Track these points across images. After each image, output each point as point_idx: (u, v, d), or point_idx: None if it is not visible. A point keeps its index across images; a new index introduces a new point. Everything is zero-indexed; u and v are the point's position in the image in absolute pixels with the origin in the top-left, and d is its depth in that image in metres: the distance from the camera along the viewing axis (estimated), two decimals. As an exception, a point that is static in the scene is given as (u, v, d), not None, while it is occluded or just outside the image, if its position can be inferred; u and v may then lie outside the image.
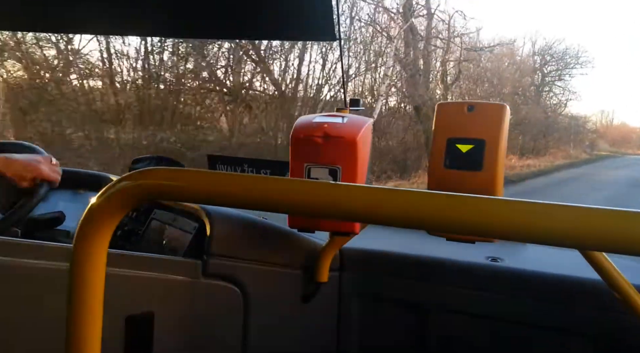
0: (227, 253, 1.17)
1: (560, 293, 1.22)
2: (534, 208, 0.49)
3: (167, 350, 1.08)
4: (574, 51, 20.01)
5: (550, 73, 19.52)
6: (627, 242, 0.45)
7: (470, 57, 15.10)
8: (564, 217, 0.48)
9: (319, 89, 10.80)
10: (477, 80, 15.83)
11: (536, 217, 0.48)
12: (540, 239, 0.49)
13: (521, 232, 0.49)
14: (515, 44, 18.53)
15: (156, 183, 0.61)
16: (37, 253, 0.92)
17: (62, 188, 1.65)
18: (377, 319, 1.41)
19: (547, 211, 0.48)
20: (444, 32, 14.26)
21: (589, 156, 22.35)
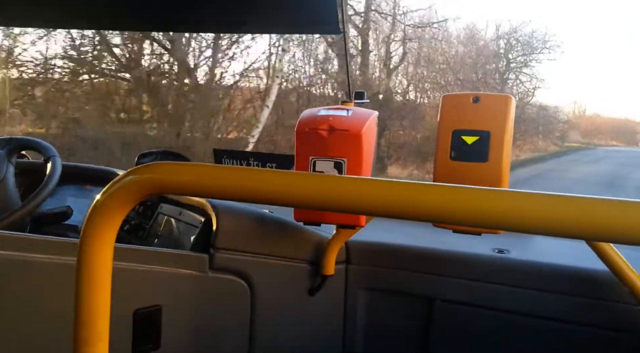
0: (234, 246, 1.18)
1: (567, 284, 1.22)
2: (540, 199, 0.49)
3: (175, 343, 1.09)
4: (541, 34, 18.25)
5: (516, 58, 17.90)
6: (633, 232, 0.45)
7: (423, 40, 13.31)
8: (570, 207, 0.47)
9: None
10: (430, 65, 14.00)
11: (542, 208, 0.48)
12: (546, 230, 0.49)
13: (527, 223, 0.49)
14: (477, 26, 17.11)
15: (162, 177, 0.61)
16: (45, 248, 0.92)
17: (70, 183, 1.66)
18: (383, 311, 1.41)
19: (553, 202, 0.48)
20: (386, 7, 12.62)
21: (559, 148, 20.97)
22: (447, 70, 14.31)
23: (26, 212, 1.20)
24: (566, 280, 1.22)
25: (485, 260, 1.31)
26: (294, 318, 1.32)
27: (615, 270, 1.08)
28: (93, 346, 0.66)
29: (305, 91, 11.13)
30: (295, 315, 1.32)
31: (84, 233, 0.62)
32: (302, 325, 1.34)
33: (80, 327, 0.65)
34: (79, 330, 0.65)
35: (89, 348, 0.66)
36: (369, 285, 1.41)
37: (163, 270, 1.07)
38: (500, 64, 16.99)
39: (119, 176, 0.62)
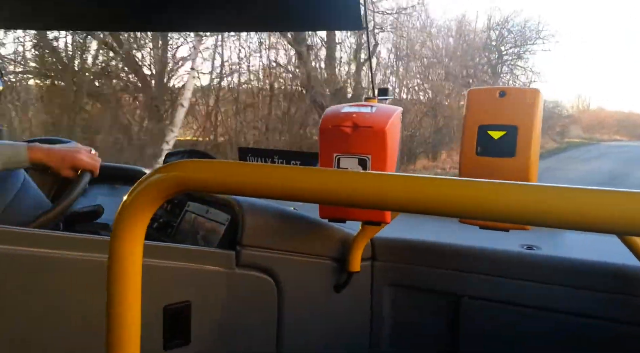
0: (260, 243, 1.19)
1: (599, 280, 1.19)
2: (570, 193, 0.48)
3: (204, 338, 1.11)
4: (535, 24, 16.41)
5: (509, 50, 16.38)
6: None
7: (399, 29, 11.67)
8: (602, 201, 0.47)
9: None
10: (413, 58, 12.75)
11: (573, 202, 0.48)
12: (577, 225, 0.48)
13: (558, 218, 0.48)
14: (467, 17, 15.29)
15: (188, 175, 0.62)
16: (78, 246, 0.95)
17: (100, 182, 1.70)
18: (409, 308, 1.40)
19: (584, 196, 0.47)
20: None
21: (558, 144, 19.78)
22: (434, 64, 13.07)
23: (59, 211, 1.23)
24: (598, 276, 1.20)
25: (513, 256, 1.29)
26: (320, 315, 1.32)
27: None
28: (125, 341, 0.67)
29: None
30: (322, 311, 1.32)
31: (114, 230, 0.64)
32: (329, 321, 1.34)
33: (113, 322, 0.67)
34: (111, 325, 0.67)
35: (121, 342, 0.67)
36: (395, 282, 1.40)
37: (191, 266, 1.08)
38: (493, 56, 15.58)
39: (147, 174, 0.63)
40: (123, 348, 0.67)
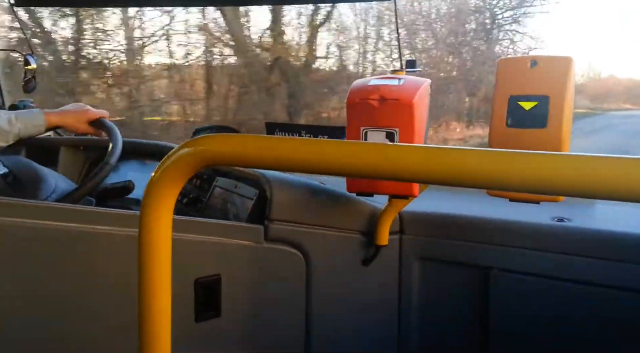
0: (288, 218, 1.19)
1: (632, 252, 1.16)
2: (602, 162, 0.46)
3: (234, 310, 1.13)
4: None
5: (504, 12, 15.03)
6: None
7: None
8: (634, 169, 0.45)
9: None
10: (391, 23, 10.60)
11: (604, 171, 0.46)
12: (611, 195, 0.47)
13: (590, 188, 0.47)
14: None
15: (216, 149, 0.62)
16: (110, 220, 0.97)
17: (130, 159, 1.73)
18: (438, 282, 1.40)
19: (617, 165, 0.46)
20: None
21: None
22: (419, 30, 11.13)
23: (90, 187, 1.26)
24: (632, 248, 1.17)
25: (544, 228, 1.27)
26: (348, 289, 1.33)
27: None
28: (157, 313, 0.69)
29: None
30: (350, 285, 1.33)
31: (143, 205, 0.65)
32: (356, 295, 1.35)
33: (144, 294, 0.68)
34: (143, 297, 0.68)
35: (153, 315, 0.69)
36: (424, 255, 1.40)
37: (220, 241, 1.10)
38: (487, 20, 12.91)
39: (174, 149, 0.64)
40: (155, 321, 0.69)
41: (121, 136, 1.40)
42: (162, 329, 0.69)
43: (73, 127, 1.47)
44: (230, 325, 1.13)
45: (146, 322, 0.69)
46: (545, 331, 1.28)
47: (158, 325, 0.69)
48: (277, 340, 1.23)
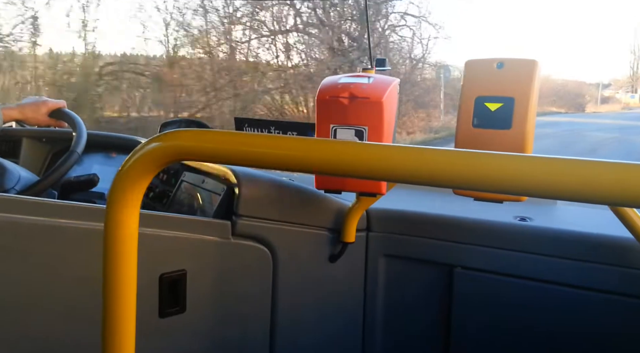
0: (256, 214, 1.19)
1: (591, 251, 1.21)
2: (563, 164, 0.48)
3: (200, 306, 1.12)
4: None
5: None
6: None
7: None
8: (594, 172, 0.47)
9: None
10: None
11: (565, 173, 0.48)
12: (570, 196, 0.48)
13: (550, 189, 0.49)
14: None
15: (184, 144, 0.62)
16: (73, 214, 0.95)
17: (96, 151, 1.69)
18: (403, 279, 1.42)
19: (576, 167, 0.48)
20: None
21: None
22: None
23: (53, 179, 1.23)
24: (590, 248, 1.21)
25: (507, 227, 1.30)
26: (314, 285, 1.34)
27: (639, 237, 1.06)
28: (121, 308, 0.68)
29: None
30: (316, 281, 1.34)
31: (110, 199, 0.64)
32: (323, 291, 1.36)
33: (109, 289, 0.67)
34: (106, 293, 0.67)
35: (117, 310, 0.68)
36: (390, 253, 1.42)
37: (187, 236, 1.09)
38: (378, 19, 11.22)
39: (143, 143, 0.63)
40: (119, 316, 0.68)
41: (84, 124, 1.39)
42: (126, 324, 0.68)
43: (33, 119, 1.47)
44: (195, 321, 1.13)
45: (110, 317, 0.68)
46: (507, 328, 1.31)
47: (122, 320, 0.68)
48: (243, 335, 1.23)
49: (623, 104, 37.00)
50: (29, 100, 1.49)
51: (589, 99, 33.18)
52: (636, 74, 41.63)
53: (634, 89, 40.93)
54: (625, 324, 1.19)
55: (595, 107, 30.53)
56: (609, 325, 1.21)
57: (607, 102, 35.76)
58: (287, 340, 1.30)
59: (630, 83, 41.39)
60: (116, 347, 0.69)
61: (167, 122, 1.55)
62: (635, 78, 41.29)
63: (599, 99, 35.07)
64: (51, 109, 1.48)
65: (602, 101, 35.25)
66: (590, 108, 29.23)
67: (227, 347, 1.20)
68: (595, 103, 33.41)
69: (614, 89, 42.66)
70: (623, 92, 41.03)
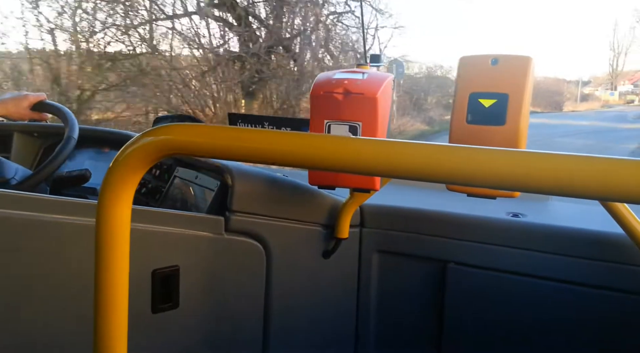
0: (249, 209, 1.19)
1: (583, 247, 1.22)
2: (555, 159, 0.48)
3: (193, 302, 1.12)
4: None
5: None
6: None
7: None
8: (586, 168, 0.47)
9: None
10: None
11: (558, 168, 0.48)
12: (563, 190, 0.48)
13: (543, 184, 0.49)
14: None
15: (177, 138, 0.61)
16: (65, 209, 0.94)
17: (87, 147, 1.68)
18: (396, 275, 1.42)
19: (568, 162, 0.48)
20: None
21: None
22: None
23: (44, 174, 1.22)
24: (582, 244, 1.22)
25: (500, 223, 1.31)
26: (308, 281, 1.34)
27: (630, 233, 1.07)
28: (114, 304, 0.68)
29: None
30: (310, 277, 1.34)
31: (101, 194, 0.63)
32: (316, 287, 1.36)
33: (101, 285, 0.67)
34: (99, 288, 0.67)
35: (109, 306, 0.67)
36: (383, 249, 1.42)
37: (180, 231, 1.09)
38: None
39: (135, 138, 0.63)
40: (111, 312, 0.67)
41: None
42: (119, 320, 0.68)
43: (16, 114, 1.47)
44: (188, 317, 1.12)
45: (102, 313, 0.67)
46: (499, 323, 1.32)
47: (114, 315, 0.67)
48: (236, 331, 1.23)
49: (602, 101, 36.74)
50: (10, 95, 1.50)
51: (569, 97, 32.98)
52: (615, 71, 41.56)
53: (614, 86, 40.77)
54: (616, 319, 1.20)
55: (574, 105, 30.18)
56: (600, 321, 1.22)
57: (587, 100, 35.36)
58: (280, 336, 1.30)
59: (609, 80, 41.23)
60: (109, 342, 0.68)
61: (161, 117, 1.54)
62: (614, 75, 41.20)
63: (578, 97, 34.60)
64: (33, 102, 1.48)
65: (581, 99, 34.88)
66: (568, 106, 28.92)
67: (220, 342, 1.20)
68: (575, 101, 33.04)
69: (594, 86, 42.50)
70: (602, 89, 40.81)
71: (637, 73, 39.75)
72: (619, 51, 41.52)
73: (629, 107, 33.85)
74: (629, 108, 31.81)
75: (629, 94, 39.02)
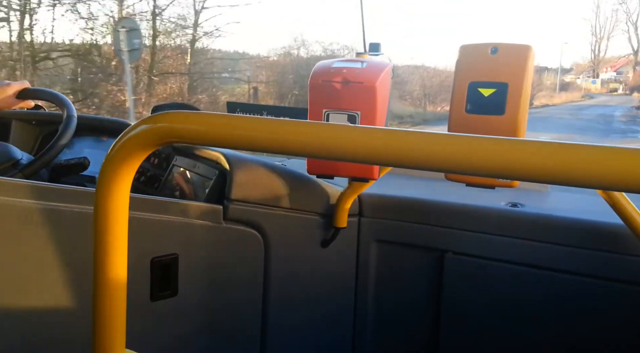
0: (247, 198, 1.19)
1: (581, 237, 1.22)
2: (553, 148, 0.48)
3: (191, 290, 1.12)
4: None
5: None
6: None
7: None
8: (586, 156, 0.47)
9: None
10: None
11: (558, 156, 0.48)
12: (561, 180, 0.48)
13: (542, 173, 0.49)
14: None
15: (175, 126, 0.61)
16: (63, 197, 0.94)
17: (86, 135, 1.68)
18: (394, 264, 1.43)
19: (569, 150, 0.48)
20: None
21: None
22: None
23: (43, 162, 1.22)
24: (581, 234, 1.22)
25: (498, 213, 1.31)
26: (306, 269, 1.34)
27: (629, 223, 1.07)
28: (112, 292, 0.68)
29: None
30: (308, 266, 1.34)
31: (99, 181, 0.63)
32: (315, 276, 1.36)
33: (100, 273, 0.67)
34: (97, 276, 0.67)
35: (108, 293, 0.68)
36: (381, 238, 1.42)
37: (178, 220, 1.09)
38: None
39: (132, 125, 0.62)
40: (110, 300, 0.68)
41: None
42: (117, 307, 0.68)
43: (1, 102, 1.46)
44: (187, 305, 1.13)
45: (101, 300, 0.67)
46: (497, 313, 1.33)
47: (113, 303, 0.67)
48: (234, 320, 1.24)
49: (584, 90, 34.88)
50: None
51: (547, 86, 31.42)
52: (597, 57, 39.94)
53: (595, 74, 39.23)
54: (615, 309, 1.21)
55: (550, 97, 28.25)
56: (598, 310, 1.22)
57: (567, 89, 33.99)
58: (278, 324, 1.30)
59: (591, 67, 39.60)
60: (108, 329, 0.68)
61: (159, 106, 1.54)
62: (596, 62, 39.58)
63: (557, 87, 33.14)
64: (17, 90, 1.47)
65: (561, 88, 33.44)
66: (542, 99, 26.56)
67: (218, 330, 1.21)
68: (553, 91, 31.64)
69: (575, 73, 40.95)
70: (584, 77, 39.30)
71: (620, 59, 38.25)
72: (601, 36, 39.98)
73: (612, 96, 32.28)
74: (613, 99, 30.12)
75: (612, 81, 37.42)
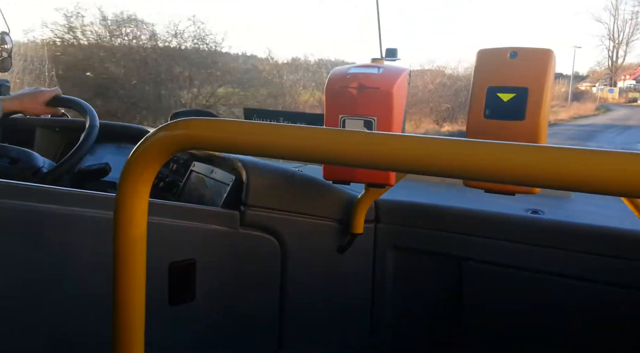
0: (264, 204, 1.19)
1: (604, 245, 1.19)
2: (577, 154, 0.47)
3: (209, 295, 1.13)
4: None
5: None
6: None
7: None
8: (610, 162, 0.46)
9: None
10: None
11: (580, 163, 0.47)
12: (585, 187, 0.47)
13: (564, 180, 0.48)
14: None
15: (193, 133, 0.62)
16: (85, 202, 0.96)
17: (107, 142, 1.70)
18: (412, 271, 1.42)
19: (590, 157, 0.47)
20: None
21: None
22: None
23: (72, 162, 1.25)
24: (603, 241, 1.20)
25: (518, 220, 1.29)
26: (323, 276, 1.34)
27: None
28: (132, 296, 0.69)
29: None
30: (325, 272, 1.34)
31: (119, 187, 0.64)
32: (331, 282, 1.36)
33: (119, 277, 0.68)
34: (117, 280, 0.68)
35: (128, 297, 0.69)
36: (398, 244, 1.41)
37: (196, 225, 1.10)
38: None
39: (152, 132, 0.63)
40: (129, 303, 0.69)
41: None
42: (137, 312, 0.69)
43: (32, 109, 1.50)
44: (205, 309, 1.13)
45: (120, 305, 0.68)
46: (517, 322, 1.31)
47: (132, 307, 0.68)
48: (251, 325, 1.24)
49: (599, 100, 30.56)
50: (26, 91, 1.52)
51: (562, 93, 27.69)
52: (615, 64, 36.49)
53: (613, 82, 35.84)
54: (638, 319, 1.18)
55: (558, 109, 24.65)
56: (623, 320, 1.20)
57: (580, 99, 29.92)
58: (294, 329, 1.30)
59: (608, 74, 35.92)
60: (127, 333, 0.69)
61: (178, 112, 1.56)
62: (614, 69, 36.18)
63: (569, 96, 29.20)
64: (48, 98, 1.50)
65: (573, 97, 29.52)
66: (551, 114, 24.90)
67: (235, 334, 1.21)
68: (565, 100, 27.97)
69: (591, 81, 37.20)
70: (601, 85, 35.52)
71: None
72: (620, 40, 36.86)
73: (632, 108, 28.78)
74: (634, 113, 26.37)
75: (631, 90, 33.90)
